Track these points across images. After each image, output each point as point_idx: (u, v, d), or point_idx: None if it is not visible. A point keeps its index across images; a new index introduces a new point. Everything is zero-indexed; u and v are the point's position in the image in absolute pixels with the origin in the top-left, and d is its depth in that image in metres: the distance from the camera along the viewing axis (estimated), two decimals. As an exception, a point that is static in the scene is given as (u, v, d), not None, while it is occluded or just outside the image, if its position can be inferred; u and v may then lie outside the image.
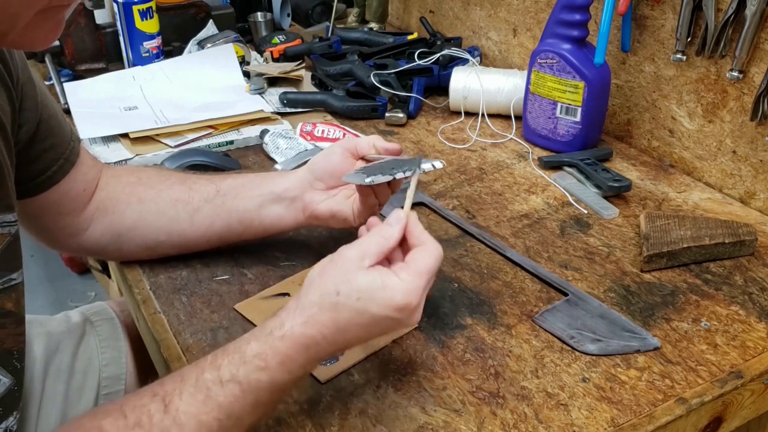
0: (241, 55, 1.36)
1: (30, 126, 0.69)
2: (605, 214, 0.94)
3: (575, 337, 0.72)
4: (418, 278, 0.57)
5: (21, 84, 0.67)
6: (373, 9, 1.61)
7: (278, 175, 0.81)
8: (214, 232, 0.80)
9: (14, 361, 0.63)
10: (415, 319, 0.57)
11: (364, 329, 0.57)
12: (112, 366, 0.95)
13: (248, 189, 0.80)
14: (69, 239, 0.80)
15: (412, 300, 0.56)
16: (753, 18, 0.88)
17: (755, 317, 0.76)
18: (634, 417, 0.63)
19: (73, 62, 1.32)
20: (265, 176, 0.82)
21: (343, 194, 0.78)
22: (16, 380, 0.63)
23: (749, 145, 0.96)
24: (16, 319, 0.63)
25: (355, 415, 0.63)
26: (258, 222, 0.80)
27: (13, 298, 0.62)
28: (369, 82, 1.23)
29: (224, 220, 0.80)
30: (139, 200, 0.79)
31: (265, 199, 0.79)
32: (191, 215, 0.79)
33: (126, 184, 0.81)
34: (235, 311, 0.76)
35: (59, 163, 0.73)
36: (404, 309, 0.56)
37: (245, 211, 0.79)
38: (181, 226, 0.80)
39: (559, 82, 1.06)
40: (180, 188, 0.80)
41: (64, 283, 2.26)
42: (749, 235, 0.85)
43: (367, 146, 0.77)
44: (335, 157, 0.77)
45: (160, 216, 0.79)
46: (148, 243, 0.81)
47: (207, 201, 0.79)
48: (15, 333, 0.63)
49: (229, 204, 0.79)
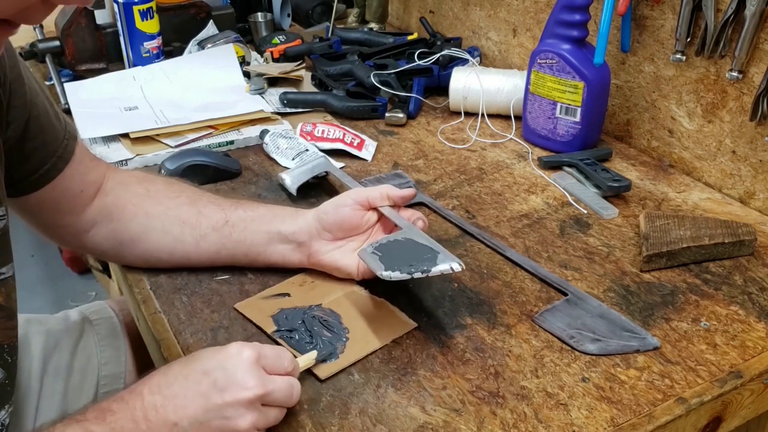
0: (242, 55, 1.37)
1: (18, 124, 0.69)
2: (605, 214, 0.94)
3: (575, 336, 0.72)
4: (259, 347, 0.59)
5: (9, 82, 0.67)
6: (373, 9, 1.62)
7: (289, 215, 0.79)
8: (218, 260, 0.80)
9: (5, 355, 0.63)
10: (249, 382, 0.56)
11: (189, 380, 0.57)
12: (111, 365, 0.96)
13: (258, 224, 0.78)
14: (71, 237, 0.80)
15: (244, 352, 0.57)
16: (753, 18, 0.88)
17: (755, 317, 0.76)
18: (633, 417, 0.63)
19: (74, 62, 1.32)
20: (276, 213, 0.80)
21: (349, 247, 0.78)
22: (7, 374, 0.63)
23: (749, 145, 0.96)
24: (7, 313, 0.63)
25: (355, 415, 0.63)
26: (263, 257, 0.79)
27: (3, 292, 0.63)
28: (369, 82, 1.23)
29: (230, 251, 0.79)
30: (146, 215, 0.79)
31: (273, 238, 0.78)
32: (197, 240, 0.78)
33: (134, 195, 0.80)
34: (236, 311, 0.76)
35: (52, 161, 0.73)
36: (234, 356, 0.57)
37: (252, 245, 0.79)
38: (186, 249, 0.79)
39: (559, 82, 1.06)
40: (189, 210, 0.79)
41: (64, 282, 2.26)
42: (749, 235, 0.85)
43: (380, 198, 0.77)
44: (346, 210, 0.76)
45: (164, 235, 0.79)
46: (150, 258, 0.81)
47: (215, 229, 0.78)
48: (5, 327, 0.63)
49: (237, 236, 0.78)
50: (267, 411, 0.58)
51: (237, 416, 0.56)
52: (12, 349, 0.64)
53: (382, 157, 1.10)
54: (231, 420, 0.56)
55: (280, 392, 0.58)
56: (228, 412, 0.55)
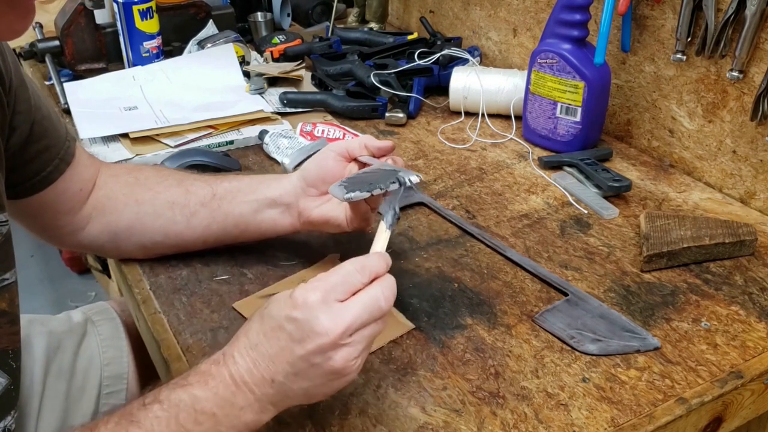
0: (241, 55, 1.36)
1: (23, 129, 0.69)
2: (605, 214, 0.94)
3: (575, 337, 0.72)
4: (323, 282, 0.54)
5: (14, 89, 0.67)
6: (373, 9, 1.61)
7: (273, 180, 0.80)
8: (210, 234, 0.81)
9: (10, 361, 0.63)
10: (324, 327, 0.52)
11: (269, 337, 0.55)
12: (113, 365, 0.96)
13: (244, 193, 0.79)
14: (68, 237, 0.80)
15: (309, 297, 0.53)
16: (753, 18, 0.88)
17: (755, 317, 0.76)
18: (634, 417, 0.63)
19: (73, 62, 1.32)
20: (261, 180, 0.81)
21: (336, 199, 0.77)
22: (12, 379, 0.63)
23: (749, 145, 0.96)
24: (10, 318, 0.63)
25: (355, 415, 0.63)
26: (254, 226, 0.80)
27: (7, 298, 0.63)
28: (369, 82, 1.23)
29: (220, 224, 0.80)
30: (137, 202, 0.80)
31: (260, 204, 0.79)
32: (188, 218, 0.79)
33: (124, 185, 0.81)
34: (235, 311, 0.76)
35: (54, 164, 0.74)
36: (301, 305, 0.53)
37: (241, 215, 0.79)
38: (178, 228, 0.80)
39: (559, 82, 1.06)
40: (177, 191, 0.80)
41: (64, 283, 2.26)
42: (749, 235, 0.85)
43: (359, 148, 0.77)
44: (327, 162, 0.77)
45: (156, 218, 0.79)
46: (145, 243, 0.81)
47: (203, 205, 0.79)
48: (9, 332, 0.63)
49: (226, 208, 0.79)
50: (360, 337, 0.54)
51: (326, 360, 0.53)
52: (16, 354, 0.64)
53: (382, 157, 1.10)
54: (323, 364, 0.53)
55: (362, 315, 0.54)
56: (315, 359, 0.53)
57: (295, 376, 0.54)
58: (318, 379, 0.54)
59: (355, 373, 0.55)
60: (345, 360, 0.53)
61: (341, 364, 0.53)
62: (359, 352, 0.54)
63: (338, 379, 0.55)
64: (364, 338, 0.55)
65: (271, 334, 0.55)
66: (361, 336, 0.54)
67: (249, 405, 0.55)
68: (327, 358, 0.53)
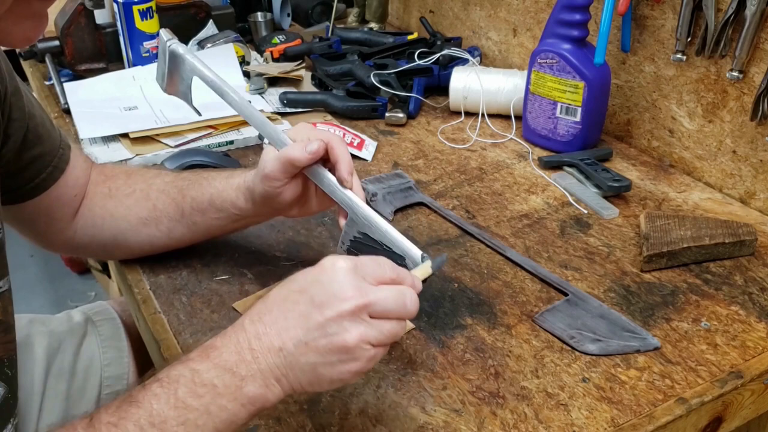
0: (241, 55, 1.36)
1: (17, 136, 0.69)
2: (605, 214, 0.94)
3: (575, 337, 0.72)
4: (355, 259, 0.53)
5: (9, 96, 0.67)
6: (373, 9, 1.61)
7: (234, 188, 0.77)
8: (195, 239, 0.81)
9: (5, 369, 0.62)
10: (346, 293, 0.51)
11: (288, 300, 0.54)
12: (113, 366, 0.96)
13: (211, 212, 0.77)
14: (63, 243, 0.81)
15: (339, 263, 0.52)
16: (753, 18, 0.88)
17: (755, 317, 0.76)
18: (634, 417, 0.63)
19: (73, 62, 1.32)
20: (224, 188, 0.77)
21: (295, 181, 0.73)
22: (9, 388, 0.62)
23: (749, 145, 0.96)
24: (5, 327, 0.63)
25: (355, 415, 0.63)
26: (230, 230, 0.80)
27: (0, 306, 0.62)
28: (369, 82, 1.23)
29: (201, 230, 0.79)
30: (112, 217, 0.80)
31: (230, 218, 0.77)
32: (167, 233, 0.79)
33: (101, 197, 0.80)
34: (235, 311, 0.76)
35: (48, 171, 0.74)
36: (329, 269, 0.52)
37: (210, 228, 0.79)
38: (162, 240, 0.80)
39: (559, 82, 1.06)
40: (144, 206, 0.79)
41: (64, 283, 2.26)
42: (749, 235, 0.85)
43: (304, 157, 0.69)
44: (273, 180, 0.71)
45: (136, 234, 0.80)
46: (134, 252, 0.82)
47: (177, 221, 0.78)
48: (4, 341, 0.62)
49: (201, 224, 0.78)
50: (379, 324, 0.53)
51: (341, 331, 0.51)
52: (11, 362, 0.63)
53: (382, 157, 1.10)
54: (336, 336, 0.51)
55: (386, 301, 0.53)
56: (331, 328, 0.52)
57: (305, 346, 0.52)
58: (328, 355, 0.52)
59: (364, 362, 0.53)
60: (359, 337, 0.52)
61: (354, 341, 0.51)
62: (375, 339, 0.53)
63: (347, 362, 0.52)
64: (383, 329, 0.53)
65: (292, 297, 0.54)
66: (380, 324, 0.53)
67: (251, 375, 0.53)
68: (342, 329, 0.51)
